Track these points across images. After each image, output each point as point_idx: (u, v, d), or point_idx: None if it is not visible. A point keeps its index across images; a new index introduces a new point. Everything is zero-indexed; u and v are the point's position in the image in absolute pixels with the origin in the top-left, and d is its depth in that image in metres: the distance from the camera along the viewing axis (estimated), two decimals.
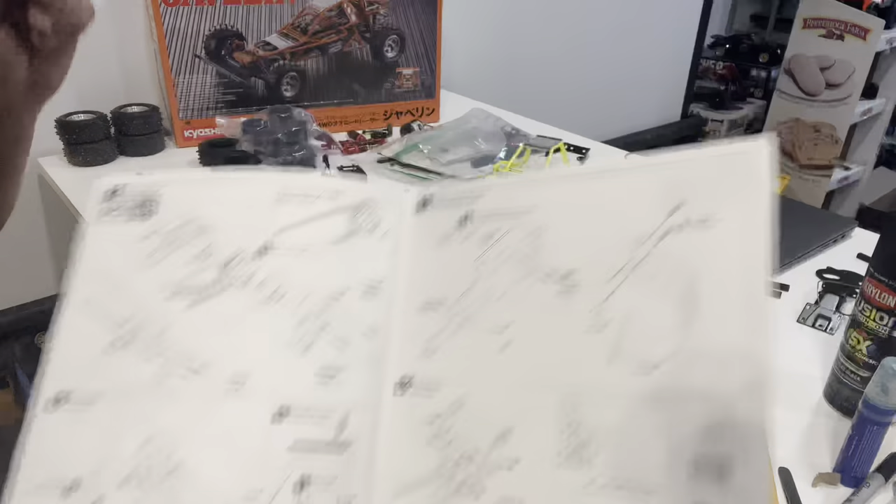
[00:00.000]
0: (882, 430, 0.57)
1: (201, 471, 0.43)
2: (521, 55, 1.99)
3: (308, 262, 0.49)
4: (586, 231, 0.44)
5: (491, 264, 0.46)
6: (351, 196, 0.52)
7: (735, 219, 0.40)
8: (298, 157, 1.18)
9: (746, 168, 0.40)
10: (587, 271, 0.43)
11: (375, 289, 0.49)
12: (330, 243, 0.50)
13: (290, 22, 1.28)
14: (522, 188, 0.48)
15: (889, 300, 0.61)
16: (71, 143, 1.17)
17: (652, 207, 0.42)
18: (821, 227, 1.03)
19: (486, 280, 0.46)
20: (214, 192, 0.51)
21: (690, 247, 0.40)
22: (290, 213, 0.50)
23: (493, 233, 0.47)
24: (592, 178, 0.46)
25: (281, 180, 0.52)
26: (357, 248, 0.50)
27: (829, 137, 2.64)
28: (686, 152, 0.42)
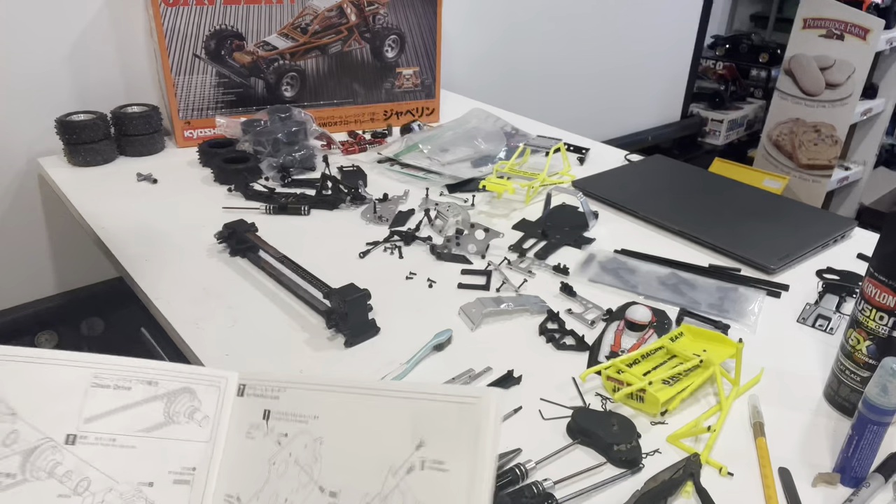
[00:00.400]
0: (882, 430, 0.57)
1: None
2: (521, 55, 1.99)
3: (118, 452, 0.50)
4: (354, 450, 0.48)
5: (281, 466, 0.50)
6: (168, 383, 0.53)
7: (464, 468, 0.44)
8: (298, 157, 1.18)
9: (477, 417, 0.45)
10: (349, 494, 0.47)
11: (187, 477, 0.51)
12: (142, 431, 0.51)
13: (290, 22, 1.28)
14: (312, 393, 0.51)
15: (889, 300, 0.61)
16: (71, 143, 1.17)
17: (403, 439, 0.47)
18: (821, 227, 1.04)
19: (275, 482, 0.49)
20: (24, 376, 0.51)
21: (427, 486, 0.45)
22: (101, 402, 0.51)
23: (286, 433, 0.50)
24: (365, 396, 0.49)
25: (96, 366, 0.52)
26: (172, 436, 0.51)
27: (829, 137, 2.64)
28: (433, 387, 0.47)
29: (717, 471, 0.60)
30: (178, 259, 0.91)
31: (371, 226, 1.03)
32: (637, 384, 0.65)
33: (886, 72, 2.82)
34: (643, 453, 0.61)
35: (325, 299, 0.78)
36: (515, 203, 1.12)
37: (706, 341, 0.74)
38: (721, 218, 1.07)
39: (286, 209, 1.05)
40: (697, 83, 2.85)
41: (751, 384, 0.71)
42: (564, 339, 0.77)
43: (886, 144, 3.23)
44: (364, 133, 1.40)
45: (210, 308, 0.80)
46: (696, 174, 1.28)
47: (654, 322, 0.80)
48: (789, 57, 2.65)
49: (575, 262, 0.94)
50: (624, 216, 1.09)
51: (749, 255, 0.94)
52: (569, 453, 0.61)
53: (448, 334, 0.76)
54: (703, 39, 2.56)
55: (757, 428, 0.64)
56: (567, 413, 0.65)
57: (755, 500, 0.57)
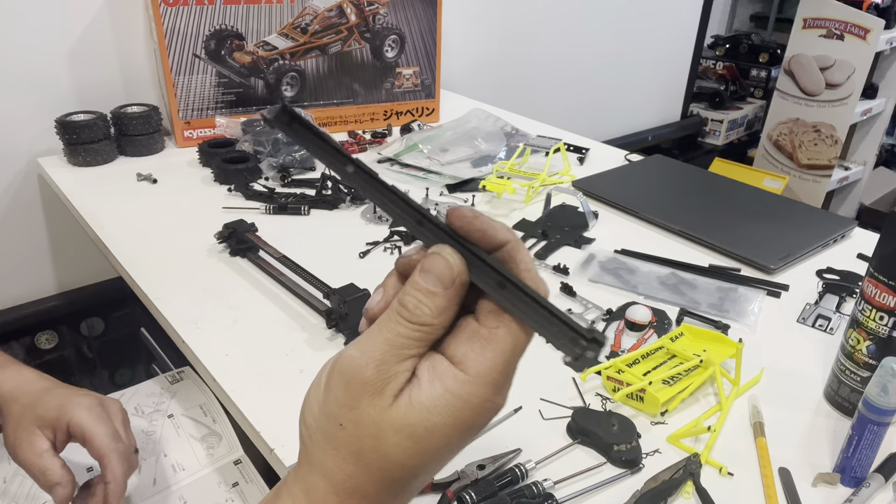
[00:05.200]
0: (882, 430, 0.57)
1: None
2: (521, 55, 1.99)
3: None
4: None
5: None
6: None
7: None
8: (298, 157, 1.18)
9: None
10: None
11: None
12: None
13: (290, 22, 1.28)
14: None
15: (889, 300, 0.61)
16: (71, 143, 1.17)
17: None
18: (821, 227, 1.04)
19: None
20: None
21: None
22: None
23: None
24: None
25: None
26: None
27: (829, 137, 2.64)
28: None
29: (717, 471, 0.60)
30: (178, 259, 0.91)
31: (371, 226, 1.03)
32: (637, 384, 0.65)
33: (886, 72, 2.82)
34: (643, 453, 0.61)
35: (325, 299, 0.78)
36: (515, 203, 1.12)
37: (706, 341, 0.74)
38: (721, 218, 1.07)
39: (286, 209, 1.05)
40: (697, 83, 2.85)
41: (751, 384, 0.71)
42: None
43: (886, 144, 3.23)
44: (364, 133, 1.40)
45: (210, 308, 0.80)
46: (696, 174, 1.28)
47: (654, 322, 0.80)
48: (789, 57, 2.65)
49: (575, 262, 0.94)
50: (624, 216, 1.09)
51: (749, 255, 0.94)
52: (569, 453, 0.61)
53: None
54: (703, 39, 2.56)
55: (757, 428, 0.64)
56: (567, 413, 0.65)
57: (755, 500, 0.57)
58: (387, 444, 0.32)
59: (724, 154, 2.92)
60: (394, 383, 0.32)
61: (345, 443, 0.33)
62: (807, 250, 0.97)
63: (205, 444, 0.78)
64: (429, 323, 0.33)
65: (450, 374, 0.32)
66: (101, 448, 0.62)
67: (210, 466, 0.76)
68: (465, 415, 0.32)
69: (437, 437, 0.32)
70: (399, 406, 0.32)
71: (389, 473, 0.33)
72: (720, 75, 3.19)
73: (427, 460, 0.33)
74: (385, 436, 0.32)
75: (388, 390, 0.32)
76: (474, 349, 0.33)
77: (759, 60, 3.17)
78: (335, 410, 0.33)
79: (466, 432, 0.33)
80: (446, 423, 0.32)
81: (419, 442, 0.32)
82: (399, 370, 0.32)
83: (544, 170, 1.16)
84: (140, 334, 1.08)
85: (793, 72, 2.66)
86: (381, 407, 0.32)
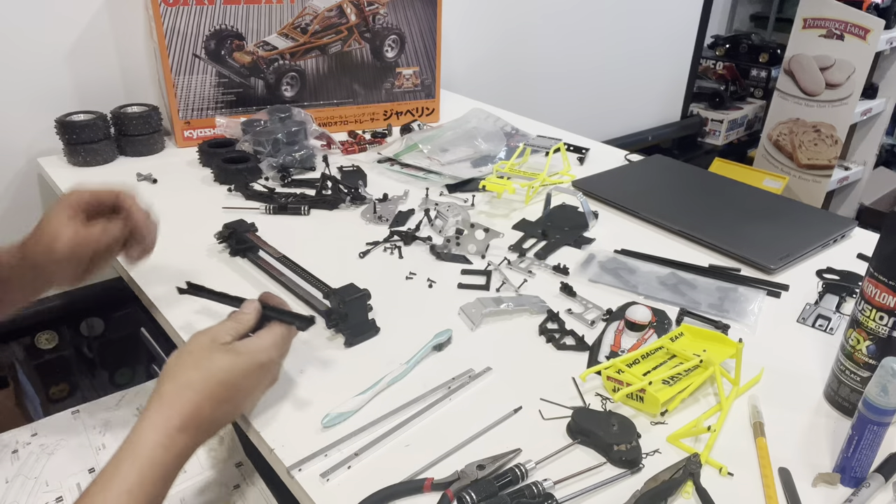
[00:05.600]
0: (882, 430, 0.57)
1: None
2: (520, 55, 1.99)
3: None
4: None
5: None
6: None
7: None
8: (298, 157, 1.18)
9: None
10: None
11: None
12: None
13: (290, 22, 1.28)
14: None
15: (889, 300, 0.61)
16: (71, 143, 1.17)
17: None
18: (821, 227, 1.04)
19: None
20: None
21: None
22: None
23: None
24: None
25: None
26: None
27: (829, 137, 2.64)
28: None
29: (717, 471, 0.60)
30: (178, 259, 0.91)
31: (371, 226, 1.03)
32: (637, 384, 0.65)
33: (886, 72, 2.82)
34: (643, 453, 0.61)
35: (324, 299, 0.78)
36: (515, 203, 1.12)
37: (706, 341, 0.74)
38: (721, 218, 1.07)
39: (286, 209, 1.05)
40: (697, 83, 2.85)
41: (751, 384, 0.71)
42: (564, 339, 0.77)
43: (886, 144, 3.23)
44: (364, 133, 1.40)
45: (210, 308, 0.80)
46: (696, 174, 1.28)
47: (654, 322, 0.80)
48: (789, 57, 2.65)
49: (575, 262, 0.94)
50: (624, 216, 1.09)
51: (749, 255, 0.94)
52: (569, 453, 0.61)
53: (448, 334, 0.76)
54: (703, 39, 2.56)
55: (757, 428, 0.64)
56: (567, 413, 0.65)
57: (755, 500, 0.57)
58: (213, 356, 0.59)
59: (724, 154, 2.92)
60: (220, 338, 0.60)
61: (190, 359, 0.58)
62: (807, 250, 0.97)
63: (206, 447, 0.78)
64: (241, 322, 0.64)
65: (249, 337, 0.63)
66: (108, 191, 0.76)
67: (211, 469, 0.76)
68: (254, 355, 0.60)
69: (239, 360, 0.59)
70: (224, 344, 0.60)
71: (210, 373, 0.57)
72: (720, 75, 3.19)
73: (233, 376, 0.58)
74: (213, 352, 0.59)
75: (219, 339, 0.60)
76: (262, 332, 0.64)
77: (759, 60, 3.17)
78: (188, 348, 0.59)
79: (253, 366, 0.60)
80: (245, 353, 0.60)
81: (229, 357, 0.59)
82: (224, 335, 0.61)
83: (544, 170, 1.16)
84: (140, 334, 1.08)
85: (793, 72, 2.66)
86: (214, 343, 0.60)
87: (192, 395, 0.56)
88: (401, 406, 0.66)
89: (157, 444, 0.53)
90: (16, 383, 1.35)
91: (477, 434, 0.63)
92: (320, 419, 0.63)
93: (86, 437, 0.78)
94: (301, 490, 0.57)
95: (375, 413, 0.65)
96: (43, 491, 0.71)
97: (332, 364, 0.72)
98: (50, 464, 0.74)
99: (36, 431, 0.79)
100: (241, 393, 0.60)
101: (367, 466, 0.59)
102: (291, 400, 0.67)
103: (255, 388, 0.62)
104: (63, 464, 0.74)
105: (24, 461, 0.74)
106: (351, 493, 0.56)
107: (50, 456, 0.75)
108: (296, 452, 0.60)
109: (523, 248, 0.97)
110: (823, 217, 1.13)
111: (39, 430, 0.79)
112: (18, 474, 0.73)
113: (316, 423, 0.63)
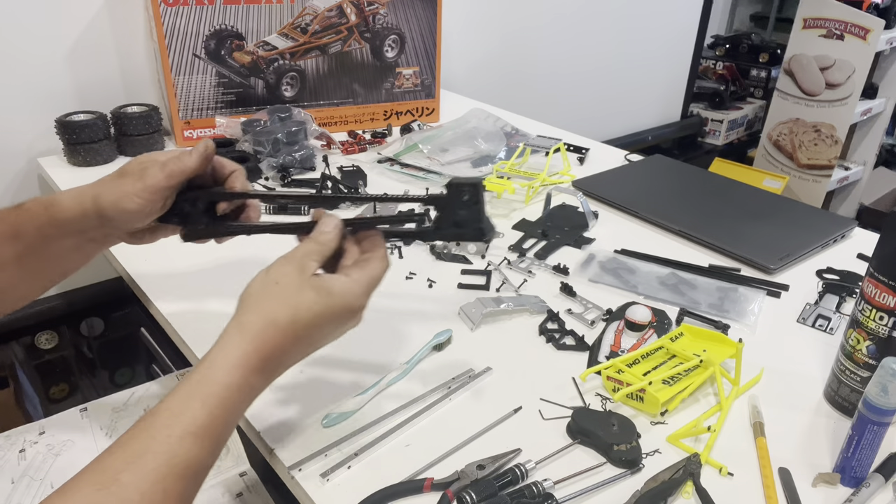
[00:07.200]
0: (882, 430, 0.57)
1: None
2: (520, 55, 1.99)
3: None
4: None
5: None
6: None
7: None
8: (298, 157, 1.18)
9: None
10: None
11: None
12: None
13: (290, 22, 1.28)
14: None
15: (889, 300, 0.61)
16: (71, 143, 1.17)
17: None
18: (821, 227, 1.03)
19: None
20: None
21: None
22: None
23: None
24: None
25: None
26: None
27: (829, 137, 2.64)
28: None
29: (717, 471, 0.60)
30: (178, 259, 0.90)
31: None
32: (637, 384, 0.65)
33: (886, 72, 2.82)
34: (643, 453, 0.61)
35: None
36: (515, 203, 1.12)
37: (706, 341, 0.74)
38: (721, 218, 1.07)
39: (286, 209, 1.05)
40: (697, 83, 2.85)
41: (751, 384, 0.71)
42: (564, 339, 0.77)
43: (886, 144, 3.23)
44: (364, 133, 1.40)
45: (210, 308, 0.80)
46: (696, 174, 1.28)
47: (654, 322, 0.80)
48: (789, 57, 2.65)
49: (575, 262, 0.94)
50: (624, 216, 1.09)
51: (749, 255, 0.94)
52: (569, 453, 0.61)
53: (448, 334, 0.76)
54: (703, 39, 2.55)
55: (757, 428, 0.64)
56: (567, 413, 0.65)
57: (755, 500, 0.57)
58: (302, 293, 0.53)
59: (724, 154, 2.92)
60: (308, 268, 0.55)
61: (277, 291, 0.53)
62: (807, 250, 0.97)
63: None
64: (324, 243, 0.57)
65: (342, 276, 0.56)
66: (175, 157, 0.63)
67: (215, 478, 0.76)
68: (346, 298, 0.54)
69: (329, 301, 0.53)
70: (313, 277, 0.54)
71: (298, 313, 0.52)
72: (720, 75, 3.19)
73: (321, 319, 0.53)
74: (303, 289, 0.53)
75: (307, 270, 0.54)
76: (355, 268, 0.57)
77: (759, 60, 3.17)
78: (274, 277, 0.54)
79: (343, 310, 0.54)
80: (337, 295, 0.54)
81: (320, 297, 0.53)
82: (310, 262, 0.55)
83: (544, 170, 1.16)
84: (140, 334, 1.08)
85: (793, 72, 2.66)
86: (303, 276, 0.54)
87: (275, 333, 0.51)
88: (401, 406, 0.66)
89: (230, 384, 0.49)
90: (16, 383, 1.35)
91: (477, 434, 0.63)
92: (320, 419, 0.63)
93: (92, 440, 0.78)
94: (301, 490, 0.57)
95: (375, 413, 0.65)
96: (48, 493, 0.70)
97: (332, 364, 0.72)
98: (56, 465, 0.74)
99: (44, 430, 0.79)
100: (324, 337, 0.56)
101: (367, 466, 0.59)
102: (291, 400, 0.67)
103: (338, 331, 0.57)
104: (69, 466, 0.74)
105: (31, 462, 0.74)
106: (351, 493, 0.56)
107: (56, 457, 0.75)
108: (296, 452, 0.60)
109: (523, 248, 0.97)
110: (823, 217, 1.13)
111: (47, 428, 0.79)
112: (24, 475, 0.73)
113: (316, 423, 0.63)
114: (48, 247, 0.63)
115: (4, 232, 0.61)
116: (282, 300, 0.52)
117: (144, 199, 0.61)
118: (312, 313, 0.52)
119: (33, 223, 0.61)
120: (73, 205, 0.62)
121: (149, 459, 0.44)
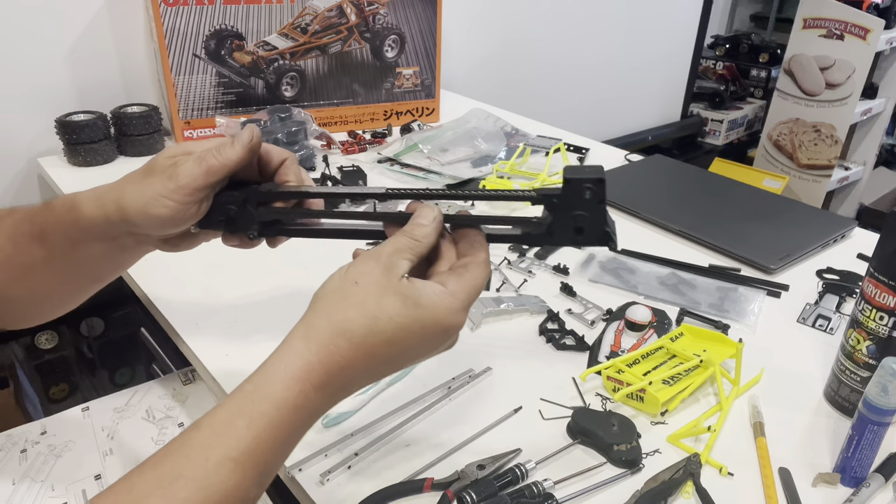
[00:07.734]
0: (882, 430, 0.57)
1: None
2: (520, 55, 1.99)
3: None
4: None
5: None
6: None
7: None
8: (298, 157, 1.18)
9: None
10: None
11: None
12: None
13: (290, 22, 1.28)
14: None
15: (889, 300, 0.61)
16: (71, 143, 1.17)
17: None
18: (821, 227, 1.03)
19: None
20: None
21: None
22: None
23: None
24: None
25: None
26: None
27: (829, 137, 2.64)
28: None
29: (717, 471, 0.60)
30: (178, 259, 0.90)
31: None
32: (637, 384, 0.65)
33: (886, 72, 2.82)
34: (643, 453, 0.61)
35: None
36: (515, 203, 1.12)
37: (706, 341, 0.74)
38: (721, 218, 1.07)
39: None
40: (697, 83, 2.85)
41: (751, 384, 0.71)
42: (564, 339, 0.77)
43: (886, 144, 3.23)
44: (364, 133, 1.40)
45: (210, 308, 0.80)
46: (696, 174, 1.28)
47: (654, 322, 0.80)
48: (789, 57, 2.65)
49: (575, 262, 0.94)
50: (624, 216, 1.09)
51: (749, 255, 0.94)
52: (569, 453, 0.61)
53: None
54: (703, 39, 2.55)
55: (757, 428, 0.64)
56: (567, 413, 0.65)
57: (755, 500, 0.57)
58: (385, 299, 0.43)
59: (724, 154, 2.92)
60: (397, 269, 0.45)
61: (354, 294, 0.44)
62: (807, 250, 0.97)
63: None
64: (419, 239, 0.47)
65: (436, 285, 0.46)
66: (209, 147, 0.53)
67: None
68: (437, 313, 0.44)
69: (417, 314, 0.44)
70: (402, 282, 0.44)
71: (377, 324, 0.43)
72: (720, 75, 3.19)
73: (405, 334, 0.44)
74: (385, 294, 0.44)
75: (395, 271, 0.45)
76: (452, 277, 0.47)
77: (759, 60, 3.17)
78: (354, 275, 0.45)
79: (434, 328, 0.45)
80: (426, 308, 0.44)
81: (406, 308, 0.43)
82: (400, 262, 0.45)
83: (544, 170, 1.16)
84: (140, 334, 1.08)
85: (793, 72, 2.66)
86: (389, 278, 0.44)
87: (346, 346, 0.43)
88: (401, 406, 0.66)
89: (285, 401, 0.41)
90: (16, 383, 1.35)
91: (477, 434, 0.63)
92: (320, 419, 0.63)
93: (93, 440, 0.77)
94: (301, 490, 0.57)
95: (375, 413, 0.65)
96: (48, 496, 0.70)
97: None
98: (57, 467, 0.74)
99: (45, 429, 0.79)
100: (408, 356, 0.46)
101: (367, 466, 0.59)
102: None
103: (428, 353, 0.47)
104: (70, 468, 0.74)
105: (32, 462, 0.74)
106: (351, 493, 0.56)
107: (58, 458, 0.75)
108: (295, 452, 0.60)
109: (523, 248, 0.97)
110: (823, 217, 1.13)
111: (49, 427, 0.79)
112: (25, 476, 0.73)
113: (316, 423, 0.63)
114: (76, 251, 0.55)
115: (32, 232, 0.55)
116: (358, 306, 0.43)
117: (177, 202, 0.50)
118: (394, 325, 0.43)
119: (59, 225, 0.54)
120: (93, 208, 0.52)
121: (179, 486, 0.38)
